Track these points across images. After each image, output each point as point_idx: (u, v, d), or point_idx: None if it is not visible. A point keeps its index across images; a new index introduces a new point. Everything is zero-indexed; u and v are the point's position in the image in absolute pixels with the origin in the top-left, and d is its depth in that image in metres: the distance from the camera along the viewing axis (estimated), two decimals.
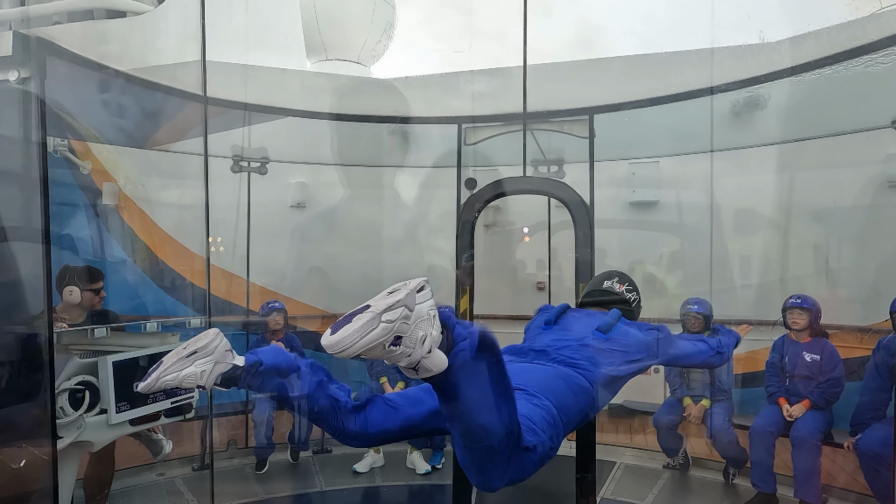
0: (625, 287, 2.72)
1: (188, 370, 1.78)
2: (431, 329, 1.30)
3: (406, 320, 1.26)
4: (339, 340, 1.22)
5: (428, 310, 1.31)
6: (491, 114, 4.11)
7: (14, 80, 3.24)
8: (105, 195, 5.04)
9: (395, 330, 1.24)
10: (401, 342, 1.25)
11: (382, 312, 1.23)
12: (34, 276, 3.06)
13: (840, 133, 4.37)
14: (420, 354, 1.28)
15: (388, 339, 1.24)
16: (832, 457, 3.88)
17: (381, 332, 1.22)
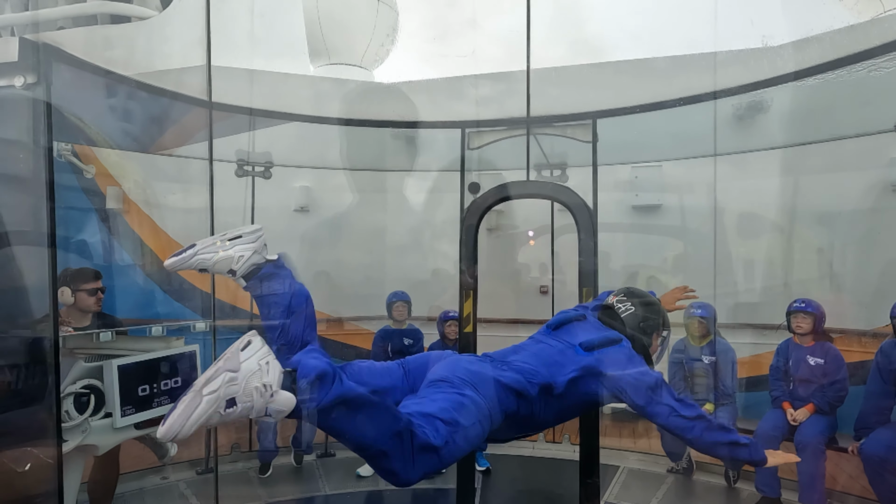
0: (617, 299, 2.41)
1: (225, 253, 1.90)
2: (265, 377, 1.36)
3: (232, 383, 1.31)
4: (169, 427, 1.25)
5: (259, 361, 1.37)
6: (494, 118, 4.12)
7: (20, 86, 3.26)
8: (109, 199, 5.07)
9: (223, 395, 1.29)
10: (235, 402, 1.31)
11: (202, 387, 1.28)
12: (40, 279, 3.08)
13: (843, 137, 4.38)
14: (262, 403, 1.34)
15: (221, 406, 1.29)
16: (836, 461, 3.87)
17: (207, 405, 1.27)
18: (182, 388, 3.30)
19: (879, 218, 4.47)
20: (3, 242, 3.13)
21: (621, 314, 2.35)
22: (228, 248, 1.89)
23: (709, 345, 4.39)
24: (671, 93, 3.79)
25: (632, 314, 2.34)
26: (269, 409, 1.36)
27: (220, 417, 1.30)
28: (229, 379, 1.30)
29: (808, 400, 3.92)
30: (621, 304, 2.39)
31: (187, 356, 3.36)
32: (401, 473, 1.60)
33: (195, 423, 1.26)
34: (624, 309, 2.36)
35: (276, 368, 1.39)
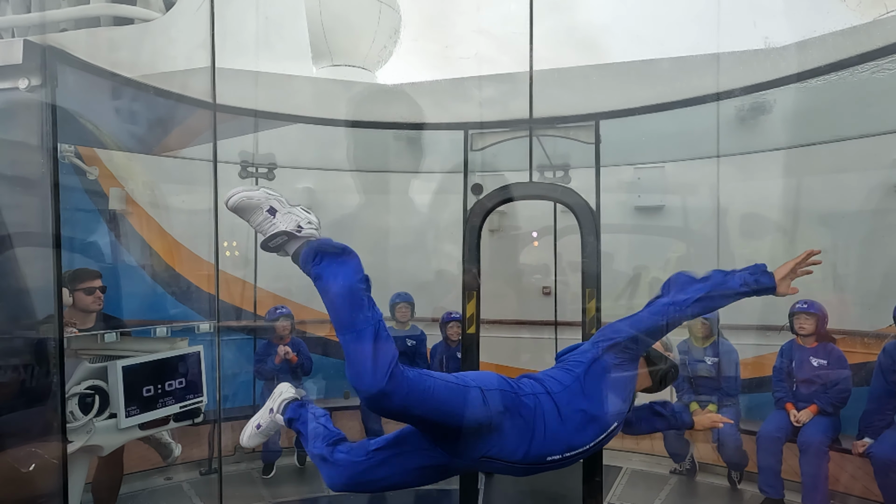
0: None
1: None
2: (305, 224, 2.03)
3: (281, 203, 2.00)
4: (230, 193, 1.95)
5: (305, 216, 2.05)
6: (497, 120, 4.12)
7: (24, 88, 3.28)
8: (112, 200, 5.08)
9: (271, 200, 1.98)
10: (275, 215, 1.96)
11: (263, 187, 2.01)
12: (45, 280, 3.09)
13: (846, 138, 4.37)
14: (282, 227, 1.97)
15: (265, 205, 1.96)
16: (840, 462, 3.87)
17: (260, 194, 1.96)
18: (186, 388, 3.31)
19: (882, 219, 4.47)
20: (8, 244, 3.14)
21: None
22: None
23: (712, 346, 4.39)
24: (674, 94, 3.80)
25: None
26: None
27: (260, 215, 1.96)
28: (281, 200, 2.02)
29: (811, 401, 3.91)
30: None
31: (192, 357, 3.37)
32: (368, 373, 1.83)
33: (246, 198, 1.94)
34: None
35: (313, 232, 2.05)
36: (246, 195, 1.91)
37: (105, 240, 4.90)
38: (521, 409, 2.04)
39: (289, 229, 1.92)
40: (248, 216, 1.93)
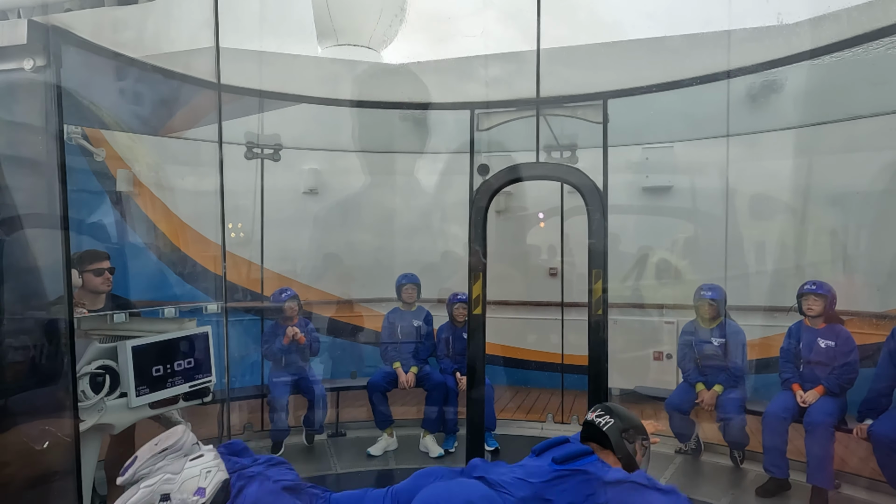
0: (595, 414, 2.44)
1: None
2: (203, 481, 1.84)
3: (169, 482, 1.74)
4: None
5: (202, 469, 1.85)
6: (504, 99, 4.08)
7: (29, 69, 3.27)
8: (119, 182, 5.10)
9: (157, 490, 1.73)
10: (170, 497, 1.72)
11: (142, 480, 1.77)
12: (54, 262, 3.12)
13: (858, 117, 4.30)
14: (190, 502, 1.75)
15: (154, 498, 1.70)
16: (845, 442, 3.87)
17: (141, 496, 1.70)
18: (196, 368, 3.34)
19: (894, 199, 4.41)
20: (18, 225, 3.16)
21: (602, 427, 2.40)
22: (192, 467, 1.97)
23: (719, 327, 4.38)
24: (684, 72, 3.74)
25: (612, 426, 2.39)
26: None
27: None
28: (167, 479, 1.69)
29: (818, 382, 3.90)
30: (600, 418, 2.44)
31: (200, 337, 3.40)
32: None
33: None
34: (604, 422, 2.41)
35: (218, 478, 1.83)
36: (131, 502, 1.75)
37: (112, 221, 4.93)
38: None
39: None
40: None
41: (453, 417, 4.79)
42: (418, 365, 4.92)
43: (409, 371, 4.84)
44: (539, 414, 5.57)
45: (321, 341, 5.00)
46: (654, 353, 5.46)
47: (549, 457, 2.32)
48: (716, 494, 3.99)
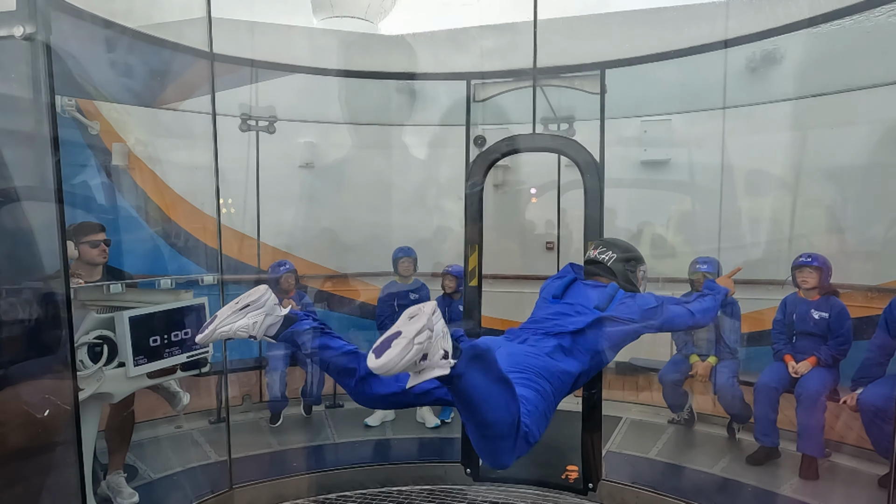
0: (598, 252, 2.75)
1: (241, 322, 2.06)
2: (447, 344, 1.57)
3: (430, 340, 1.53)
4: (385, 363, 1.46)
5: (441, 328, 1.58)
6: (500, 69, 4.04)
7: (19, 36, 3.21)
8: (115, 155, 5.06)
9: (423, 349, 1.51)
10: (426, 358, 1.54)
11: (414, 337, 1.49)
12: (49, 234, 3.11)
13: (858, 88, 4.26)
14: (437, 364, 1.56)
15: (419, 356, 1.51)
16: (836, 412, 3.93)
17: (415, 353, 1.49)
18: (192, 338, 3.37)
19: (890, 172, 4.40)
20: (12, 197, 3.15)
21: (607, 263, 2.69)
22: (241, 318, 2.06)
23: None
24: (682, 42, 3.70)
25: (616, 260, 2.69)
26: (433, 371, 1.57)
27: (413, 367, 1.52)
28: (428, 336, 1.52)
29: (810, 353, 3.94)
30: (603, 254, 2.72)
31: (197, 308, 3.42)
32: (505, 459, 1.88)
33: (405, 366, 1.48)
34: (607, 258, 2.70)
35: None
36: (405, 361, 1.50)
37: (108, 194, 4.91)
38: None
39: (444, 372, 1.57)
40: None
41: None
42: None
43: None
44: None
45: (317, 314, 5.03)
46: None
47: (577, 301, 2.58)
48: (707, 463, 4.06)
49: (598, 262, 2.72)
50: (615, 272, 2.66)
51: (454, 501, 3.79)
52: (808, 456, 3.74)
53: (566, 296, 2.68)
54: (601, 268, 2.71)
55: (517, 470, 3.95)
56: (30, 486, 2.75)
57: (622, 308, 2.51)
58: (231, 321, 2.06)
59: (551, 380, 2.20)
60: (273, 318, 2.10)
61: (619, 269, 2.67)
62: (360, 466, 4.06)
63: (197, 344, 2.24)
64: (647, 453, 4.25)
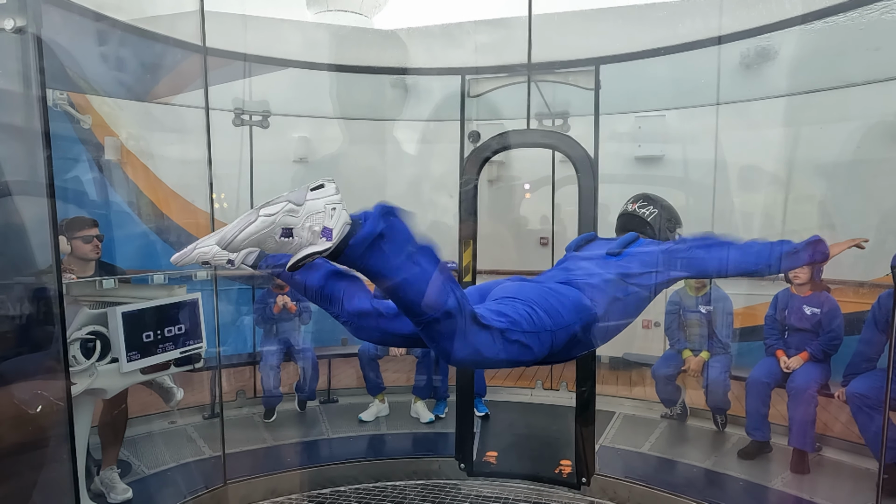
0: (638, 205, 2.51)
1: (313, 203, 1.68)
2: (329, 220, 1.38)
3: (291, 213, 1.35)
4: (222, 236, 1.33)
5: (325, 205, 1.39)
6: (495, 65, 4.03)
7: (10, 29, 3.19)
8: (107, 150, 5.02)
9: (279, 223, 1.34)
10: (292, 233, 1.36)
11: (260, 208, 1.34)
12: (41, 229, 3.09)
13: (852, 84, 4.28)
14: (308, 241, 1.37)
15: (275, 231, 1.34)
16: (827, 407, 3.97)
17: (261, 224, 1.32)
18: (186, 334, 3.36)
19: (886, 167, 4.42)
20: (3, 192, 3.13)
21: (647, 218, 2.46)
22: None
23: (705, 295, 4.44)
24: (676, 38, 3.70)
25: (657, 216, 2.46)
26: (308, 248, 1.38)
27: (274, 243, 1.36)
28: (290, 209, 1.35)
29: (802, 349, 3.98)
30: (644, 208, 2.49)
31: (190, 304, 3.41)
32: (452, 350, 1.63)
33: (246, 238, 1.32)
34: (648, 213, 2.47)
35: (342, 218, 1.40)
36: (247, 232, 1.33)
37: (100, 189, 4.88)
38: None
39: (318, 249, 1.37)
40: (262, 247, 1.40)
41: (443, 384, 4.85)
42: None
43: None
44: (529, 381, 5.66)
45: (311, 310, 5.03)
46: (642, 321, 5.53)
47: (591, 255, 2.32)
48: (700, 458, 4.10)
49: (635, 216, 2.47)
50: (654, 228, 2.39)
51: (448, 496, 3.81)
52: (798, 450, 3.77)
53: (582, 249, 2.44)
54: (638, 222, 2.44)
55: (510, 464, 3.99)
56: (23, 482, 2.74)
57: (638, 252, 2.22)
58: (211, 243, 1.92)
59: (550, 309, 1.91)
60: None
61: (660, 225, 2.42)
62: (354, 462, 4.07)
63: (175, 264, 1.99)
64: (640, 448, 4.28)
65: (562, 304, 1.95)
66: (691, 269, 2.20)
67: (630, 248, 2.26)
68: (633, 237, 2.31)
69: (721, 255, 2.16)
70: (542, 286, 2.05)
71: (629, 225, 2.50)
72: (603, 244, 2.40)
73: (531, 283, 2.10)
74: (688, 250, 2.19)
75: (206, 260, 1.93)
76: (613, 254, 2.23)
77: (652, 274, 2.16)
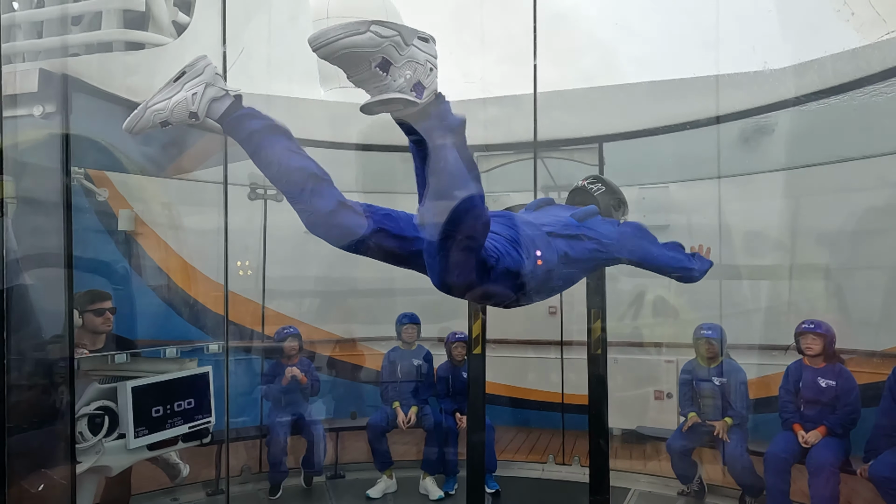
0: (587, 181, 2.66)
1: (178, 96, 1.69)
2: (424, 77, 1.30)
3: (397, 47, 1.25)
4: (325, 31, 1.21)
5: (426, 60, 1.31)
6: (502, 142, 4.19)
7: (39, 115, 3.37)
8: (122, 221, 5.15)
9: (383, 50, 1.24)
10: (389, 70, 1.25)
11: (373, 23, 1.23)
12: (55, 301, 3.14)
13: (848, 159, 4.41)
14: (398, 88, 1.27)
15: (375, 56, 1.24)
16: (851, 484, 3.83)
17: (367, 40, 1.22)
18: (195, 409, 3.33)
19: (887, 238, 4.48)
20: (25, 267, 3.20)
21: (594, 193, 2.59)
22: (178, 90, 1.68)
23: (718, 366, 4.39)
24: (676, 117, 3.86)
25: (603, 193, 2.59)
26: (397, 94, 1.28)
27: (367, 69, 1.25)
28: (396, 43, 1.24)
29: (819, 422, 3.88)
30: (593, 185, 2.64)
31: (201, 377, 3.40)
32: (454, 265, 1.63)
33: (348, 47, 1.21)
34: (596, 189, 2.61)
35: (435, 83, 1.32)
36: (351, 41, 1.23)
37: (115, 260, 4.97)
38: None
39: (406, 96, 1.29)
40: (350, 70, 1.30)
41: (453, 459, 4.73)
42: (418, 405, 4.89)
43: (409, 411, 4.80)
44: (540, 455, 5.50)
45: (321, 381, 4.99)
46: (654, 392, 5.44)
47: (551, 213, 2.40)
48: None
49: (584, 191, 2.61)
50: (599, 203, 2.50)
51: None
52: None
53: (542, 211, 2.50)
54: (585, 195, 2.58)
55: None
56: None
57: (598, 223, 2.32)
58: (165, 95, 1.69)
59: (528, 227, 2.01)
60: (215, 91, 1.72)
61: (604, 201, 2.53)
62: None
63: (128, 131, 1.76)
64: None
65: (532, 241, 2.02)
66: (634, 255, 2.39)
67: (590, 220, 2.36)
68: (594, 210, 2.40)
69: (662, 251, 2.47)
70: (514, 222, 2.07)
71: (577, 199, 2.64)
72: (563, 209, 2.50)
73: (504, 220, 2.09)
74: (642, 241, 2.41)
75: (165, 119, 1.69)
76: (578, 219, 2.32)
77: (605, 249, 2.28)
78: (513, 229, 1.96)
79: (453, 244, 1.57)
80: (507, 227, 1.97)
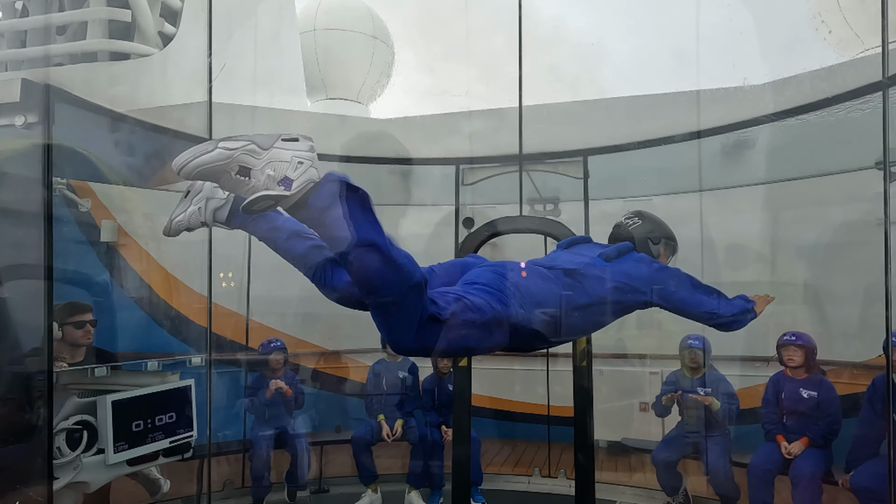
0: (625, 217, 2.56)
1: (190, 209, 1.86)
2: (292, 171, 1.36)
3: (252, 154, 1.34)
4: (177, 160, 1.31)
5: (292, 156, 1.37)
6: (488, 155, 4.22)
7: (20, 125, 3.33)
8: (104, 232, 5.08)
9: (236, 160, 1.33)
10: (249, 175, 1.34)
11: (221, 140, 1.33)
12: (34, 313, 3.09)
13: (827, 173, 4.49)
14: (264, 186, 1.34)
15: (231, 166, 1.33)
16: (833, 495, 3.87)
17: (217, 156, 1.31)
18: (177, 423, 3.29)
19: (864, 251, 4.56)
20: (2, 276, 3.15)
21: (629, 228, 2.49)
22: (189, 205, 1.78)
23: (702, 377, 4.42)
24: (658, 130, 3.91)
25: (639, 226, 2.49)
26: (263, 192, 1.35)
27: (229, 179, 1.34)
28: (251, 149, 1.34)
29: (801, 433, 3.92)
30: (629, 220, 2.55)
31: (182, 391, 3.36)
32: (402, 338, 1.60)
33: (200, 165, 1.31)
34: (632, 223, 2.51)
35: (308, 174, 1.37)
36: (200, 160, 1.32)
37: (96, 272, 4.90)
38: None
39: (271, 192, 1.36)
40: (216, 181, 1.39)
41: (439, 472, 4.70)
42: (403, 417, 4.86)
43: (395, 424, 4.77)
44: (526, 467, 5.49)
45: (305, 393, 4.94)
46: (640, 403, 5.46)
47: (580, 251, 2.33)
48: None
49: (621, 227, 2.52)
50: (634, 238, 2.41)
51: None
52: None
53: (573, 249, 2.42)
54: (622, 231, 2.48)
55: None
56: None
57: (629, 264, 2.24)
58: (182, 209, 1.89)
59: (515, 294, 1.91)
60: (216, 202, 1.88)
61: (639, 234, 2.43)
62: None
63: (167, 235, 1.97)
64: None
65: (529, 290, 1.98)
66: (668, 302, 2.28)
67: (622, 260, 2.28)
68: (628, 247, 2.33)
69: (700, 300, 2.32)
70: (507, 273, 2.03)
71: (616, 236, 2.55)
72: (595, 248, 2.41)
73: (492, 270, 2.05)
74: (675, 284, 2.28)
75: (186, 226, 1.87)
76: (606, 258, 2.25)
77: (632, 290, 2.20)
78: (499, 278, 1.93)
79: (377, 300, 1.57)
80: (496, 275, 1.93)
